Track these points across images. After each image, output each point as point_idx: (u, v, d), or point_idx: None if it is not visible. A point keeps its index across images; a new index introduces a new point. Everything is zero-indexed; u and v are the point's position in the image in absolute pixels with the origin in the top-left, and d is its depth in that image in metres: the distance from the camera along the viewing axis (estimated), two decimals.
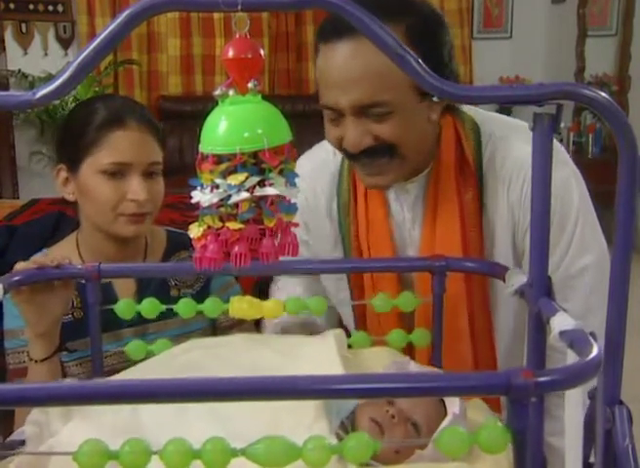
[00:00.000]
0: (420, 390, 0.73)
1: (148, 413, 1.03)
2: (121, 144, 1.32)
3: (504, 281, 1.08)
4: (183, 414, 1.00)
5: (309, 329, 1.36)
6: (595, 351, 0.74)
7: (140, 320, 1.35)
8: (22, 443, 1.03)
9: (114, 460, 0.71)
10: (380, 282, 1.34)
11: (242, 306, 1.15)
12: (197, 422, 0.98)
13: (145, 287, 1.41)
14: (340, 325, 1.46)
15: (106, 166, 1.31)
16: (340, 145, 1.23)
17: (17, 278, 1.15)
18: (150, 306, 1.26)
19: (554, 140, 0.90)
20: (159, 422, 0.99)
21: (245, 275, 1.50)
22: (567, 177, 1.25)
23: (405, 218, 1.35)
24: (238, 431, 0.94)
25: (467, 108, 1.33)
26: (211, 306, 1.24)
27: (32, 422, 1.06)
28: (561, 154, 1.26)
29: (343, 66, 1.16)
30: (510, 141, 1.28)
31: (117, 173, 1.32)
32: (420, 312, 1.29)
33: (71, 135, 1.36)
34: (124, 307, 1.25)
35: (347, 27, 1.11)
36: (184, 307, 1.25)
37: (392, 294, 1.27)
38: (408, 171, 1.27)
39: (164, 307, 1.26)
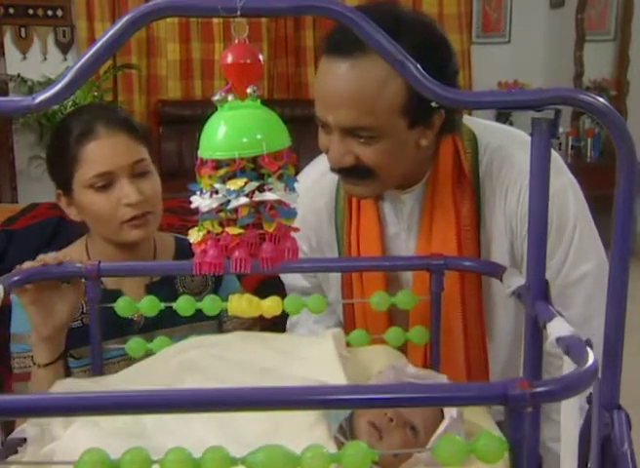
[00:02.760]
0: (418, 401, 0.74)
1: (150, 418, 1.03)
2: (97, 155, 1.31)
3: (501, 280, 1.09)
4: (184, 419, 1.00)
5: None
6: (591, 360, 0.74)
7: (146, 327, 1.35)
8: (23, 441, 1.03)
9: None
10: (368, 284, 1.34)
11: (241, 304, 1.16)
12: (198, 427, 0.98)
13: (154, 294, 1.40)
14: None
15: (90, 180, 1.31)
16: (326, 153, 1.24)
17: (17, 277, 1.16)
18: (150, 304, 1.26)
19: (552, 150, 0.90)
20: (160, 427, 0.99)
21: (240, 275, 1.50)
22: (563, 186, 1.25)
23: (400, 229, 1.35)
24: (238, 435, 0.94)
25: (464, 118, 1.33)
26: (210, 305, 1.25)
27: (33, 422, 1.05)
28: (557, 163, 1.26)
29: (335, 85, 1.16)
30: (507, 150, 1.28)
31: (104, 183, 1.31)
32: (412, 312, 1.29)
33: (55, 158, 1.36)
34: (124, 305, 1.25)
35: (348, 46, 1.11)
36: (185, 305, 1.25)
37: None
38: (387, 188, 1.28)
39: (163, 305, 1.26)
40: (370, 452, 0.72)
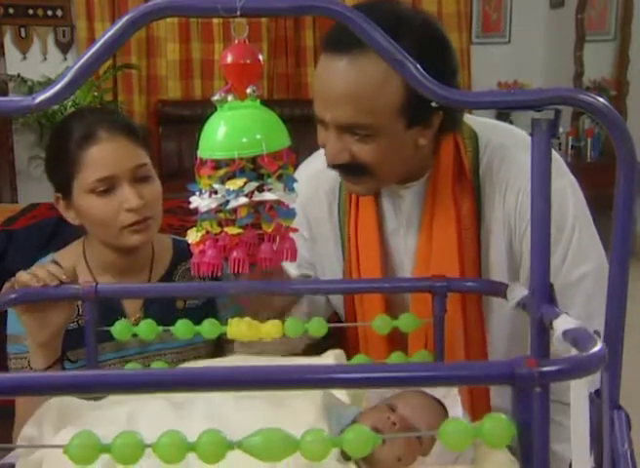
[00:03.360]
0: (424, 379, 0.72)
1: (145, 423, 1.02)
2: (99, 160, 1.30)
3: (505, 298, 1.07)
4: (181, 425, 0.99)
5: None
6: (599, 345, 0.73)
7: None
8: (12, 466, 1.02)
9: (106, 453, 0.69)
10: (366, 304, 1.34)
11: (240, 328, 1.14)
12: (194, 428, 0.97)
13: (151, 298, 1.40)
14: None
15: (92, 184, 1.30)
16: (324, 148, 1.24)
17: (13, 296, 1.15)
18: (148, 328, 1.23)
19: (553, 152, 0.90)
20: (156, 432, 0.99)
21: (243, 295, 1.49)
22: (563, 188, 1.25)
23: (399, 225, 1.34)
24: (236, 433, 0.94)
25: (465, 116, 1.32)
26: (208, 328, 1.21)
27: (24, 439, 1.05)
28: (558, 164, 1.26)
29: (332, 82, 1.15)
30: (507, 149, 1.28)
31: (105, 188, 1.30)
32: (413, 334, 1.28)
33: (55, 162, 1.35)
34: (121, 329, 1.23)
35: (347, 43, 1.11)
36: (183, 329, 1.23)
37: (377, 315, 1.25)
38: (384, 185, 1.28)
39: (161, 329, 1.24)
40: (372, 436, 0.70)
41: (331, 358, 1.19)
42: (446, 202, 1.28)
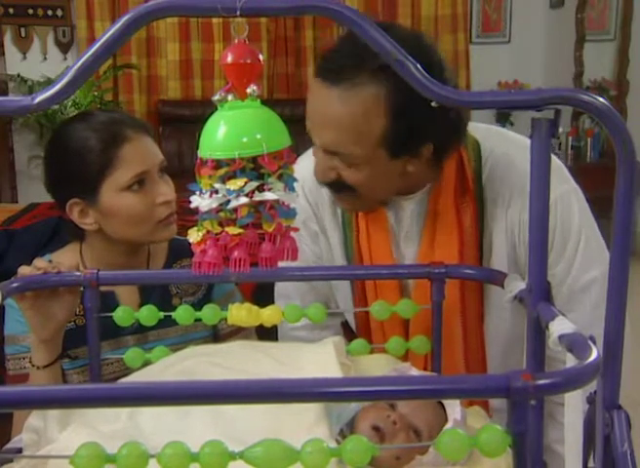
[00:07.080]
0: (420, 392, 0.73)
1: (147, 420, 1.02)
2: (133, 156, 1.31)
3: (503, 287, 1.08)
4: (183, 420, 1.00)
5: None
6: (594, 354, 0.74)
7: (140, 328, 1.34)
8: (19, 451, 1.03)
9: (112, 464, 0.70)
10: (383, 290, 1.34)
11: (240, 314, 1.15)
12: (197, 428, 0.97)
13: (148, 296, 1.40)
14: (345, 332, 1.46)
15: (129, 181, 1.30)
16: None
17: (16, 284, 1.15)
18: (149, 314, 1.25)
19: (556, 159, 0.89)
20: (158, 429, 0.99)
21: (245, 281, 1.50)
22: (567, 194, 1.24)
23: (399, 236, 1.34)
24: (238, 437, 0.94)
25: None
26: (209, 314, 1.23)
27: (30, 429, 1.05)
28: (561, 171, 1.26)
29: (320, 108, 1.19)
30: (510, 158, 1.27)
31: (140, 183, 1.31)
32: (416, 319, 1.29)
33: (73, 170, 1.32)
34: (123, 315, 1.25)
35: (337, 74, 1.14)
36: (184, 314, 1.25)
37: (394, 302, 1.26)
38: (374, 206, 1.30)
39: (162, 314, 1.25)
40: (370, 447, 0.71)
41: (330, 345, 1.20)
42: (448, 214, 1.27)
